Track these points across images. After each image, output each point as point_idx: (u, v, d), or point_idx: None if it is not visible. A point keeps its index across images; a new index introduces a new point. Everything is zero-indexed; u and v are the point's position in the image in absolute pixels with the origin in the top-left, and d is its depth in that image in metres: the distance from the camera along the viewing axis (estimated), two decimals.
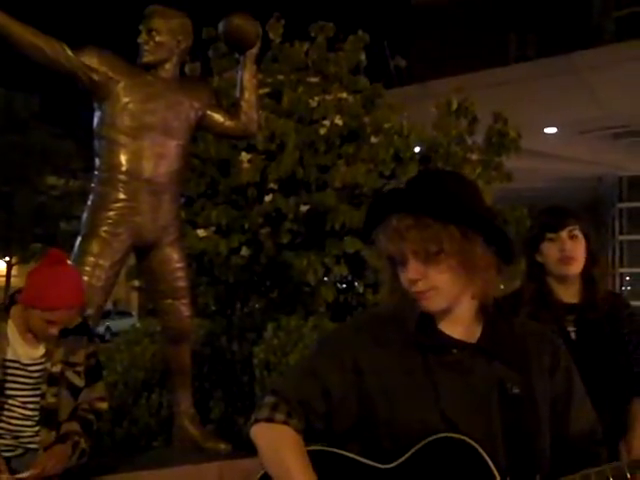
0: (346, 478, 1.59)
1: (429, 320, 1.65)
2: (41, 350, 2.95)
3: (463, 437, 1.54)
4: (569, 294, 2.73)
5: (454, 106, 6.45)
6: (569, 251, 2.67)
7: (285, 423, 1.62)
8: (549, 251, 2.70)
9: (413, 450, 1.55)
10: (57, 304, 2.82)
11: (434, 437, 1.55)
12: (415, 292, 1.61)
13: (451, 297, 1.63)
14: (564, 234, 2.68)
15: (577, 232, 2.70)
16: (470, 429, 1.56)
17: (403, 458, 1.56)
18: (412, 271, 1.60)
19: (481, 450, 1.52)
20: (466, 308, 1.66)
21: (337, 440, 1.65)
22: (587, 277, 2.71)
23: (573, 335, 2.66)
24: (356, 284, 6.30)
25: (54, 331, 2.86)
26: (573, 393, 1.70)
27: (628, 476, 1.52)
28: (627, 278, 15.35)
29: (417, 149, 6.29)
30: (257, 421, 1.67)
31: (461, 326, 1.66)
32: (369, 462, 1.59)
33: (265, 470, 1.63)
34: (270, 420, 1.64)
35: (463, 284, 1.62)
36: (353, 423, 1.64)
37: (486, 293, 1.65)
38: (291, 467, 1.58)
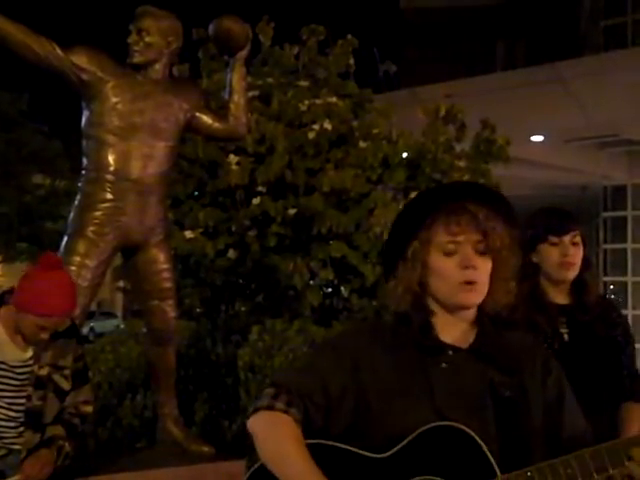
0: (342, 468, 1.60)
1: (428, 324, 1.70)
2: (29, 352, 2.93)
3: (458, 425, 1.56)
4: (561, 296, 2.71)
5: (442, 112, 6.48)
6: (572, 257, 2.65)
7: (285, 412, 1.63)
8: (550, 254, 2.66)
9: (407, 440, 1.57)
10: (53, 311, 2.80)
11: (430, 426, 1.57)
12: (464, 281, 1.66)
13: (483, 297, 1.70)
14: (567, 239, 2.65)
15: (578, 238, 2.67)
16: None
17: (397, 447, 1.58)
18: (471, 258, 1.67)
19: (475, 436, 1.55)
20: (468, 315, 1.72)
21: (331, 440, 1.65)
22: (579, 280, 2.70)
23: (566, 337, 2.65)
24: (342, 288, 6.32)
25: (45, 336, 2.84)
26: (565, 400, 1.74)
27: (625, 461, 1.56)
28: (611, 287, 15.43)
29: (405, 155, 6.31)
30: (256, 410, 1.67)
31: (458, 332, 1.71)
32: (363, 452, 1.60)
33: (262, 457, 1.63)
34: (270, 408, 1.64)
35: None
36: (348, 424, 1.66)
37: (501, 304, 1.73)
38: (291, 453, 1.59)
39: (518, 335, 1.83)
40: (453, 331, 1.71)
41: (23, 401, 2.90)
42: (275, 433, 1.62)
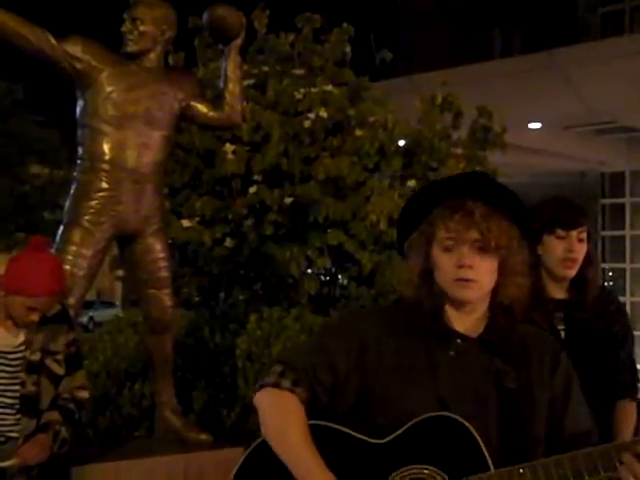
0: (340, 451, 1.63)
1: (439, 311, 1.71)
2: (21, 338, 2.94)
3: (456, 417, 1.57)
4: (559, 290, 2.65)
5: (439, 100, 6.47)
6: (576, 253, 2.56)
7: (291, 391, 1.65)
8: (555, 248, 2.57)
9: (406, 427, 1.59)
10: (41, 291, 2.83)
11: (428, 415, 1.59)
12: (458, 278, 1.66)
13: (483, 294, 1.70)
14: (574, 234, 2.56)
15: (584, 234, 2.59)
16: (464, 416, 1.58)
17: (395, 434, 1.59)
18: (467, 257, 1.66)
19: (472, 429, 1.56)
20: (480, 305, 1.73)
21: (335, 420, 1.67)
22: (579, 276, 2.62)
23: (563, 334, 2.60)
24: (339, 276, 6.33)
25: (35, 317, 2.86)
26: (571, 396, 1.73)
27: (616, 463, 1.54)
28: (610, 274, 15.45)
29: (401, 143, 6.31)
30: (262, 387, 1.69)
31: (469, 321, 1.72)
32: (362, 437, 1.62)
33: (264, 433, 1.66)
34: (276, 386, 1.67)
35: (493, 285, 1.70)
36: (352, 405, 1.68)
37: (515, 298, 1.72)
38: (292, 433, 1.62)
39: (530, 328, 1.83)
40: (464, 320, 1.71)
41: (17, 387, 2.91)
42: (278, 411, 1.65)
